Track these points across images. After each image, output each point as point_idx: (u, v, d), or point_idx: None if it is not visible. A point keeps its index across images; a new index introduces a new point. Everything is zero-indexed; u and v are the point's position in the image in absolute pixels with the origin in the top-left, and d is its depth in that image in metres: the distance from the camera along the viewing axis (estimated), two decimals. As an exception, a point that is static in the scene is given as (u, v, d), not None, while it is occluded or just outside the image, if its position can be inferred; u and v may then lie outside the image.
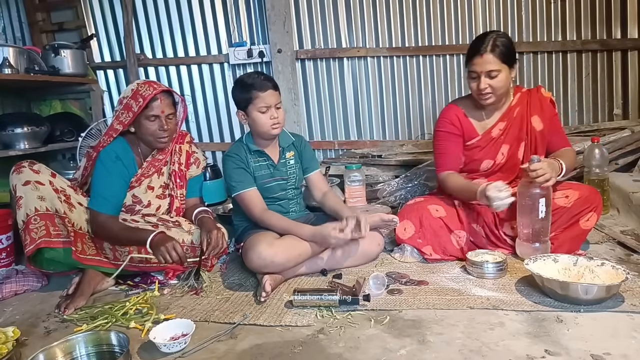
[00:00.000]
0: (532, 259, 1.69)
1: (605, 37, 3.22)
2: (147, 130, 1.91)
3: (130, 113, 1.89)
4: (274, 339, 1.43)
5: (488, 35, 1.90)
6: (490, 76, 1.88)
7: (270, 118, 1.91)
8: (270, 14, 3.44)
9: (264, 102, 1.90)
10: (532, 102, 2.03)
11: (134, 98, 1.89)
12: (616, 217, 2.51)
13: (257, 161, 2.03)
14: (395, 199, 2.88)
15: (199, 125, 3.88)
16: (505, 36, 1.93)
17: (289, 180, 2.09)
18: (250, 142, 2.03)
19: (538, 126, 2.01)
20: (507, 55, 1.89)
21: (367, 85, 3.57)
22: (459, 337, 1.37)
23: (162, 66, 3.79)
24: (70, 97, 3.50)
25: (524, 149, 2.03)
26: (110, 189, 1.89)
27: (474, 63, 1.89)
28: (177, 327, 1.44)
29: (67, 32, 3.88)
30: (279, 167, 2.06)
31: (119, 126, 1.92)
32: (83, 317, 1.65)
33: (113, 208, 1.90)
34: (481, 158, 2.06)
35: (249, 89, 1.90)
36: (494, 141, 2.04)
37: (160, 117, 1.91)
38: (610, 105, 3.31)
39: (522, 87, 2.11)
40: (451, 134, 2.07)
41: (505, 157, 2.05)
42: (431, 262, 1.98)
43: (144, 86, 1.91)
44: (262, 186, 2.02)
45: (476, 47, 1.90)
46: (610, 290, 1.48)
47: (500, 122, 2.04)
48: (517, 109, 2.03)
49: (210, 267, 2.01)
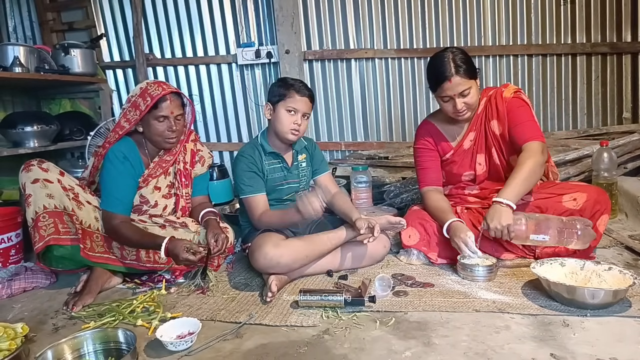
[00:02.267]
0: (539, 263, 1.68)
1: (615, 40, 3.21)
2: (155, 130, 1.93)
3: (137, 111, 1.90)
4: (280, 339, 1.44)
5: (445, 58, 1.85)
6: (463, 95, 1.87)
7: (293, 122, 1.93)
8: (278, 14, 3.45)
9: (295, 105, 1.92)
10: (490, 106, 2.00)
11: (142, 97, 1.90)
12: (624, 221, 2.49)
13: (271, 163, 2.03)
14: (401, 201, 2.88)
15: (207, 126, 3.90)
16: (461, 51, 1.89)
17: (300, 183, 2.11)
18: (265, 143, 2.03)
19: (497, 130, 1.99)
20: (470, 71, 1.86)
21: (375, 87, 3.57)
22: (465, 339, 1.36)
23: (171, 66, 3.82)
24: (79, 96, 3.54)
25: (496, 154, 2.01)
26: (122, 189, 1.90)
27: (445, 89, 1.86)
28: (183, 326, 1.45)
29: (77, 31, 3.92)
30: (292, 170, 2.07)
31: (126, 123, 1.93)
32: (91, 314, 1.66)
33: (126, 208, 1.91)
34: (459, 171, 2.07)
35: (289, 87, 1.94)
36: (467, 153, 2.04)
37: (169, 117, 1.92)
38: (620, 109, 3.29)
39: (491, 88, 2.05)
40: (427, 149, 2.09)
41: (485, 167, 2.04)
42: (437, 265, 1.97)
43: (153, 86, 1.92)
44: (275, 188, 2.04)
45: (440, 73, 1.85)
46: (617, 295, 1.47)
47: (470, 133, 2.03)
48: (481, 116, 2.02)
49: (216, 266, 2.02)
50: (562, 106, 3.37)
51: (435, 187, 2.08)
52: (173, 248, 1.77)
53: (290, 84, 1.95)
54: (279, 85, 1.98)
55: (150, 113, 1.90)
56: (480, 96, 2.00)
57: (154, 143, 1.99)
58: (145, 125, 1.94)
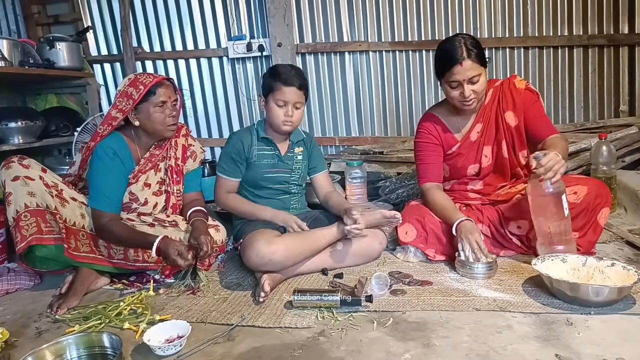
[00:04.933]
0: (540, 259, 1.63)
1: (612, 32, 3.17)
2: (156, 119, 1.86)
3: (130, 100, 1.83)
4: (273, 341, 1.38)
5: (456, 42, 1.81)
6: (472, 82, 1.81)
7: (284, 114, 1.89)
8: (270, 6, 3.38)
9: (283, 97, 1.88)
10: (504, 97, 1.95)
11: (133, 85, 1.84)
12: (623, 215, 2.46)
13: (262, 149, 2.01)
14: (397, 197, 2.83)
15: (198, 120, 3.83)
16: (472, 37, 1.84)
17: (292, 174, 2.05)
18: (261, 129, 2.02)
19: (512, 122, 1.94)
20: (481, 57, 1.82)
21: (369, 80, 3.52)
22: (466, 340, 1.31)
23: (160, 60, 3.74)
24: (66, 91, 3.43)
25: (506, 147, 1.96)
26: (111, 187, 1.83)
27: (455, 72, 1.80)
28: (172, 329, 1.39)
29: (63, 24, 3.83)
30: (284, 160, 2.03)
31: (118, 114, 1.86)
32: (76, 317, 1.59)
33: (115, 206, 1.84)
34: (465, 164, 2.01)
35: (276, 78, 1.89)
36: (474, 145, 1.98)
37: (167, 103, 1.87)
38: (617, 102, 3.26)
39: (495, 80, 2.01)
40: (430, 144, 2.02)
41: (491, 159, 1.99)
42: (435, 262, 1.93)
43: (143, 75, 1.88)
44: (262, 175, 2.00)
45: (452, 56, 1.80)
46: (622, 292, 1.42)
47: (477, 124, 1.98)
48: (491, 107, 1.96)
49: (207, 265, 1.96)
50: (558, 99, 3.33)
51: (437, 184, 2.02)
52: (165, 248, 1.71)
53: (278, 74, 1.89)
54: (268, 76, 1.93)
55: (148, 101, 1.84)
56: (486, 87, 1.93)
57: (155, 133, 1.91)
58: (143, 117, 1.86)
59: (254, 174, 2.00)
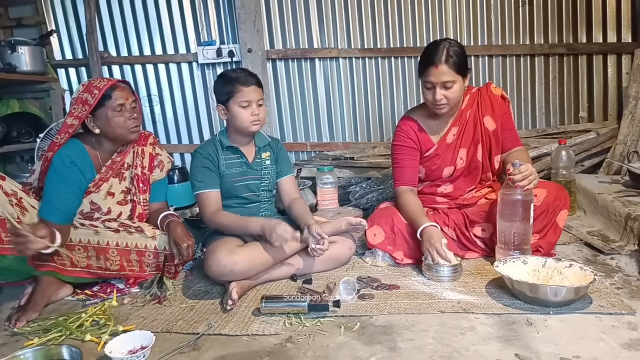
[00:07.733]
0: (502, 261, 1.68)
1: (571, 41, 3.30)
2: (116, 123, 1.82)
3: (86, 106, 1.79)
4: (240, 349, 1.37)
5: (441, 45, 1.84)
6: (445, 87, 1.85)
7: (251, 114, 1.88)
8: (240, 12, 3.37)
9: (245, 97, 1.86)
10: (483, 102, 2.01)
11: (87, 91, 1.80)
12: (582, 218, 2.55)
13: (229, 158, 1.97)
14: (367, 201, 2.86)
15: (167, 127, 3.77)
16: (458, 45, 1.88)
17: (262, 181, 2.03)
18: (224, 138, 1.98)
19: (491, 126, 2.00)
20: (460, 66, 1.85)
21: (339, 86, 3.54)
22: (430, 342, 1.34)
23: (127, 64, 3.66)
24: (29, 96, 3.33)
25: (481, 151, 2.01)
26: (63, 199, 1.77)
27: (430, 74, 1.84)
28: (135, 340, 1.36)
29: (26, 28, 3.70)
30: (253, 166, 2.01)
31: (74, 121, 1.81)
32: (35, 330, 1.54)
33: (63, 217, 1.78)
34: (441, 166, 2.04)
35: (232, 82, 1.86)
36: (450, 147, 2.02)
37: (126, 105, 1.83)
38: (576, 108, 3.39)
39: (472, 87, 2.07)
40: (407, 147, 2.05)
41: (465, 162, 2.03)
42: (403, 266, 1.95)
43: (97, 80, 1.84)
44: (232, 184, 1.97)
45: (430, 58, 1.84)
46: (579, 292, 1.48)
47: (454, 127, 2.02)
48: (469, 111, 2.01)
49: (175, 274, 1.93)
50: (521, 106, 3.44)
51: (411, 188, 2.05)
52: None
53: (233, 78, 1.87)
54: (222, 83, 1.90)
55: (105, 106, 1.80)
56: (463, 95, 1.98)
57: (117, 138, 1.87)
58: (103, 123, 1.82)
59: (224, 184, 1.96)
